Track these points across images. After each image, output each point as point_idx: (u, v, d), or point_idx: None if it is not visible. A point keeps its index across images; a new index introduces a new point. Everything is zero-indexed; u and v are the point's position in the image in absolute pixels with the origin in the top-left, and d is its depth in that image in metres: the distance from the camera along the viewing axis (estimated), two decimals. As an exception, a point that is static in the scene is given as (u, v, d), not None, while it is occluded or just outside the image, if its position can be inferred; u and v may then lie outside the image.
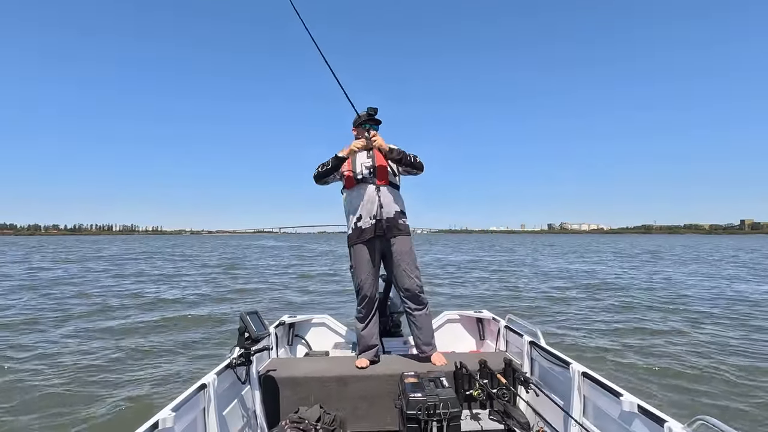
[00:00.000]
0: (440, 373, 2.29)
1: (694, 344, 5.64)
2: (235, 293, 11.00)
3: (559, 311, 8.23)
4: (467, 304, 9.18)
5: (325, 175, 2.75)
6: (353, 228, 2.71)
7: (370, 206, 2.67)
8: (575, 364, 2.13)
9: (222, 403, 2.07)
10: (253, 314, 2.34)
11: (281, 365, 2.62)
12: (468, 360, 2.53)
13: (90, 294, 10.59)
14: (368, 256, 2.69)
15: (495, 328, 3.26)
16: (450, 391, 2.08)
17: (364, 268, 2.69)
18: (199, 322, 7.25)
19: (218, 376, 2.05)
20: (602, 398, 1.88)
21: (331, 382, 2.43)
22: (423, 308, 2.74)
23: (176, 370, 4.61)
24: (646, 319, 7.34)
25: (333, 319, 3.64)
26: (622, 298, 9.86)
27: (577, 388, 2.05)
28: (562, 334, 6.19)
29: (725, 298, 9.74)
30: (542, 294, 10.57)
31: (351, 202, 2.75)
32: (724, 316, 7.63)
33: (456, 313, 3.68)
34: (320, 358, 2.93)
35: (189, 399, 1.77)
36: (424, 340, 2.72)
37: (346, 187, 2.78)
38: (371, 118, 2.76)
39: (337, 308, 8.60)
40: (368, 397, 2.42)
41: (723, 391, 3.95)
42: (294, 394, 2.43)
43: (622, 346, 5.60)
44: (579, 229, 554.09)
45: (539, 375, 2.54)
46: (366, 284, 2.69)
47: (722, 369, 4.54)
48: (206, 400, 1.92)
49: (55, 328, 6.76)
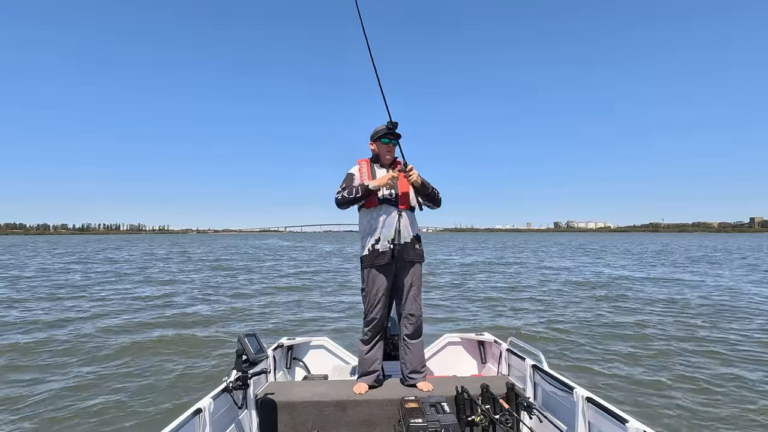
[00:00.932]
0: (441, 398, 2.24)
1: (713, 366, 5.16)
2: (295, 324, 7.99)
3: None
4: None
5: (352, 203, 2.64)
6: (370, 250, 2.63)
7: (389, 230, 2.61)
8: (579, 389, 2.08)
9: (218, 428, 2.03)
10: (251, 336, 2.30)
11: (279, 389, 2.58)
12: (469, 384, 2.47)
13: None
14: (382, 280, 2.62)
15: (497, 351, 3.20)
16: (451, 417, 2.04)
17: (378, 292, 2.63)
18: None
19: (214, 400, 2.01)
20: (608, 425, 1.83)
21: (329, 406, 2.39)
22: (420, 336, 2.74)
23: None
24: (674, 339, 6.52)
25: (332, 342, 3.60)
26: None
27: (581, 413, 2.00)
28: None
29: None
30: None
31: (370, 223, 2.66)
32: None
33: (457, 335, 3.62)
34: (319, 381, 2.89)
35: (184, 424, 1.74)
36: (413, 368, 2.68)
37: (366, 206, 2.68)
38: (391, 132, 2.66)
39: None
40: (368, 422, 2.37)
41: (738, 418, 3.76)
42: (292, 419, 2.39)
43: (630, 366, 5.24)
44: (586, 228, 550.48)
45: (542, 400, 2.48)
46: (377, 308, 2.64)
47: (740, 394, 4.26)
48: (201, 426, 1.87)
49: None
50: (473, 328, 6.35)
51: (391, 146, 2.73)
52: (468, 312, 8.87)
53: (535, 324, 7.54)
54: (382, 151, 2.73)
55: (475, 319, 8.15)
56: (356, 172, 2.73)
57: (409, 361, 2.69)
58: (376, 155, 2.78)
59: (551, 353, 5.57)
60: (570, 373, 4.69)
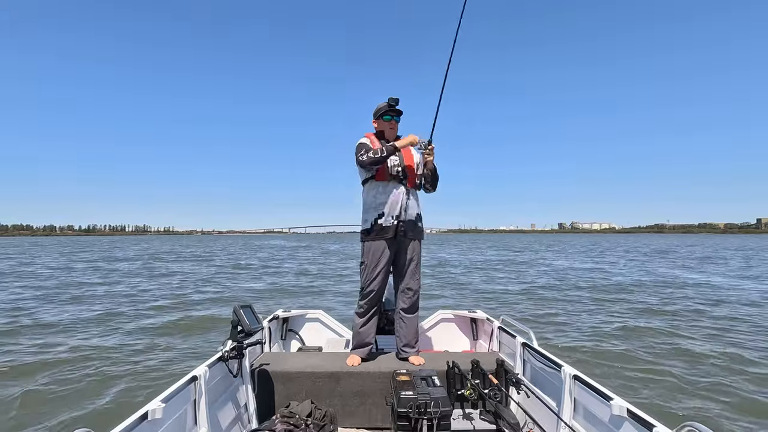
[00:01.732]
0: (432, 372, 2.28)
1: (694, 349, 5.44)
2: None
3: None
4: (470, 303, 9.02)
5: (379, 162, 2.58)
6: (373, 224, 2.64)
7: (394, 206, 2.63)
8: (567, 366, 2.12)
9: (213, 395, 2.07)
10: (247, 308, 2.34)
11: (274, 359, 2.63)
12: (460, 360, 2.52)
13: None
14: (384, 254, 2.64)
15: (489, 329, 3.25)
16: (442, 390, 2.08)
17: (378, 265, 2.64)
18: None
19: (210, 368, 2.04)
20: (592, 401, 1.87)
21: (323, 377, 2.44)
22: (416, 311, 2.79)
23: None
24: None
25: (327, 315, 3.65)
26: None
27: (567, 390, 2.04)
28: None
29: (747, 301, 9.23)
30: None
31: (376, 197, 2.66)
32: (736, 318, 7.38)
33: (450, 312, 3.66)
34: (313, 353, 2.94)
35: (179, 391, 1.78)
36: (407, 342, 2.73)
37: (376, 179, 2.66)
38: (392, 109, 2.70)
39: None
40: (360, 393, 2.43)
41: (717, 399, 3.84)
42: (286, 389, 2.44)
43: (616, 345, 5.51)
44: (590, 229, 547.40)
45: (531, 376, 2.52)
46: (376, 281, 2.66)
47: (721, 375, 4.41)
48: (197, 393, 1.91)
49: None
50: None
51: (394, 123, 2.75)
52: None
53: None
54: (385, 128, 2.75)
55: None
56: (368, 142, 2.71)
57: (403, 335, 2.73)
58: (380, 132, 2.79)
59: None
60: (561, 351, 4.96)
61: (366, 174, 2.72)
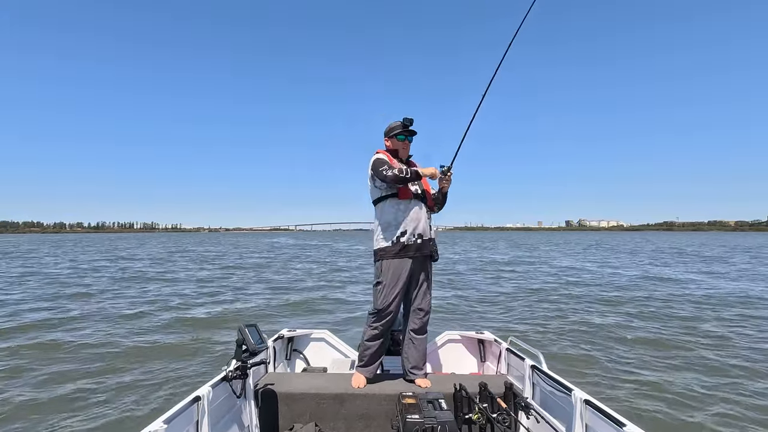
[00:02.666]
0: (439, 395, 2.24)
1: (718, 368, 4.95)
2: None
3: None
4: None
5: (404, 182, 2.57)
6: (394, 242, 2.59)
7: (415, 224, 2.61)
8: (577, 390, 2.05)
9: (216, 416, 2.04)
10: (252, 327, 2.32)
11: (278, 380, 2.60)
12: (468, 382, 2.47)
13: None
14: (403, 274, 2.58)
15: (497, 350, 3.18)
16: (449, 414, 2.04)
17: (396, 286, 2.58)
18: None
19: (213, 388, 2.03)
20: (605, 427, 1.81)
21: (327, 399, 2.40)
22: (425, 333, 2.74)
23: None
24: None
25: (332, 335, 3.61)
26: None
27: (579, 415, 1.97)
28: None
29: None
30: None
31: (396, 215, 2.61)
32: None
33: (457, 333, 3.60)
34: (318, 374, 2.91)
35: (182, 411, 1.75)
36: (416, 363, 2.68)
37: (400, 197, 2.63)
38: (406, 129, 2.70)
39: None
40: (365, 416, 2.38)
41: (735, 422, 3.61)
42: (290, 411, 2.41)
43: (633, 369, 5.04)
44: (598, 226, 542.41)
45: (540, 400, 2.46)
46: (394, 303, 2.60)
47: (743, 396, 4.10)
48: (200, 413, 1.89)
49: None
50: (474, 326, 6.35)
51: (407, 143, 2.74)
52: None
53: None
54: (399, 147, 2.73)
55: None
56: (386, 159, 2.67)
57: (411, 357, 2.68)
58: (394, 150, 2.76)
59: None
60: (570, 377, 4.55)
61: (384, 191, 2.65)
